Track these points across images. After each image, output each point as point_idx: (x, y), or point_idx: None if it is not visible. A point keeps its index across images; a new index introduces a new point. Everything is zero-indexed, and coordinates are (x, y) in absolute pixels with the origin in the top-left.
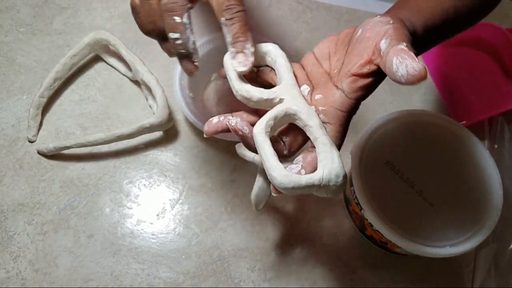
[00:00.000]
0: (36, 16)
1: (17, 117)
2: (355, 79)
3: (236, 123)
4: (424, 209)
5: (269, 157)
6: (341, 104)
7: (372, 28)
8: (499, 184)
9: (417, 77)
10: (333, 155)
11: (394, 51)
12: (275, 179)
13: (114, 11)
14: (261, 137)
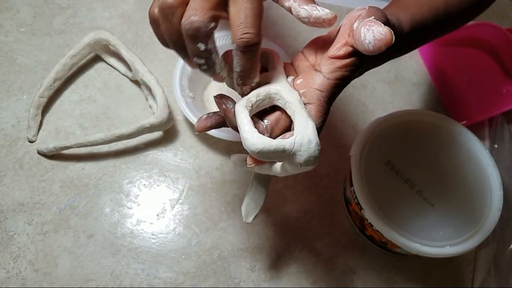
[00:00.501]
0: (36, 16)
1: (17, 117)
2: (333, 61)
3: (221, 97)
4: (424, 209)
5: (245, 124)
6: (320, 84)
7: (349, 16)
8: (499, 184)
9: (384, 40)
10: (308, 125)
11: (363, 23)
12: (247, 140)
13: (114, 11)
14: (239, 108)
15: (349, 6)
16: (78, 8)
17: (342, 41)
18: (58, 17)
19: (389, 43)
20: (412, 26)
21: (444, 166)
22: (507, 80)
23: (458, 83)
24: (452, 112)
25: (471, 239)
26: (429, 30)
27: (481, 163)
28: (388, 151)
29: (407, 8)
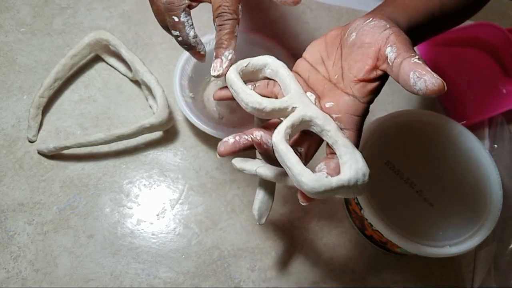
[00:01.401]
0: (36, 16)
1: (17, 117)
2: (364, 84)
3: (261, 136)
4: (424, 209)
5: (295, 163)
6: (355, 109)
7: (370, 34)
8: (498, 184)
9: (436, 91)
10: (357, 155)
11: (409, 65)
12: (306, 185)
13: (114, 11)
14: (283, 145)
15: (349, 6)
16: (78, 8)
17: (370, 63)
18: (58, 17)
19: (441, 93)
20: (409, 28)
21: (444, 166)
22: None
23: (458, 83)
24: (452, 112)
25: (471, 239)
26: (425, 30)
27: (481, 163)
28: (388, 151)
29: (405, 10)
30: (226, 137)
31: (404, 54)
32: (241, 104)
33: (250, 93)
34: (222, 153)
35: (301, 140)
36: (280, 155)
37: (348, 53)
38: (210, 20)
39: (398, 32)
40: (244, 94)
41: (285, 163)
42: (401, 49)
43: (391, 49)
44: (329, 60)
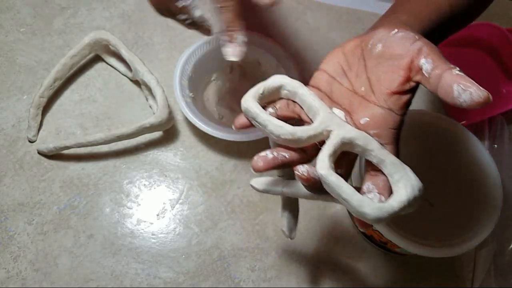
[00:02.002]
0: (36, 16)
1: (18, 117)
2: (399, 96)
3: (307, 171)
4: (423, 209)
5: (352, 195)
6: (393, 123)
7: (400, 45)
8: (498, 184)
9: (482, 103)
10: (407, 171)
11: (452, 77)
12: (369, 215)
13: (114, 11)
14: (333, 177)
15: (349, 6)
16: (78, 8)
17: (403, 74)
18: (58, 17)
19: (488, 103)
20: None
21: (443, 166)
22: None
23: None
24: (451, 112)
25: (471, 239)
26: (436, 35)
27: (481, 163)
28: None
29: (418, 16)
30: (263, 152)
31: (443, 65)
32: (270, 136)
33: (280, 124)
34: (259, 169)
35: (339, 161)
36: (333, 187)
37: (374, 64)
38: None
39: (429, 43)
40: (272, 126)
41: (340, 195)
42: (437, 61)
43: (425, 60)
44: (351, 71)
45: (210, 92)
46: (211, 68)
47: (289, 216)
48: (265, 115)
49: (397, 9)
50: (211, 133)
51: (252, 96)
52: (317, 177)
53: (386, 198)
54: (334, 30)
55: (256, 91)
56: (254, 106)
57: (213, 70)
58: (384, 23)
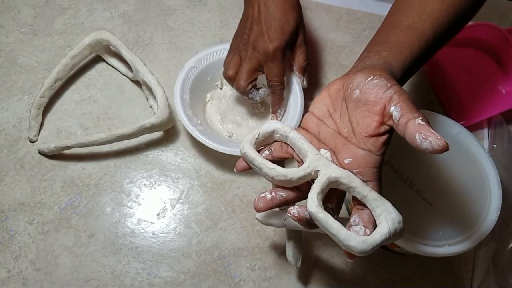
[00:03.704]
0: (37, 17)
1: (18, 117)
2: (376, 138)
3: (298, 212)
4: (423, 209)
5: (339, 230)
6: (373, 162)
7: (374, 93)
8: (497, 184)
9: (441, 150)
10: (388, 206)
11: (414, 127)
12: (355, 248)
13: (115, 12)
14: (321, 215)
15: (349, 7)
16: (79, 8)
17: (377, 119)
18: (59, 17)
19: (445, 151)
20: (404, 69)
21: (443, 166)
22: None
23: (457, 84)
24: (451, 112)
25: (470, 238)
26: (419, 63)
27: (480, 163)
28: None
29: (400, 51)
30: (263, 193)
31: (408, 114)
32: (265, 178)
33: (273, 167)
34: (260, 209)
35: (329, 196)
36: (321, 223)
37: (353, 107)
38: (210, 21)
39: (399, 90)
40: (267, 169)
41: (328, 230)
42: (404, 109)
43: (395, 108)
44: (335, 113)
45: (210, 113)
46: (204, 89)
47: (294, 246)
48: (260, 159)
49: (380, 41)
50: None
51: (249, 142)
52: (307, 216)
53: (371, 230)
54: (334, 30)
55: (253, 137)
56: (250, 151)
57: (206, 91)
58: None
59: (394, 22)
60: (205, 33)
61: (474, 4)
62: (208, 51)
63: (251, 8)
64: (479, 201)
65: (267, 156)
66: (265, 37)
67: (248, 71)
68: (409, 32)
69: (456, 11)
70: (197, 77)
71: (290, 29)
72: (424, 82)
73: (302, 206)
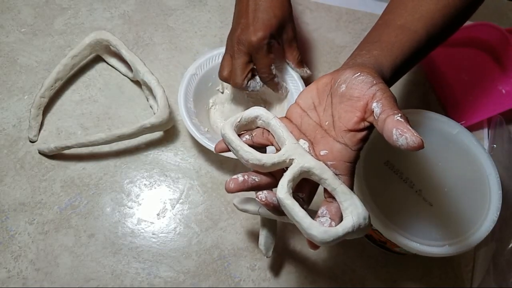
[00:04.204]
0: (37, 17)
1: (18, 117)
2: (354, 133)
3: (265, 197)
4: (423, 209)
5: (303, 217)
6: (348, 157)
7: (359, 88)
8: (497, 184)
9: (416, 148)
10: (355, 201)
11: (392, 122)
12: (316, 237)
13: (115, 12)
14: (289, 201)
15: (349, 7)
16: (79, 8)
17: (358, 115)
18: (59, 17)
19: (420, 149)
20: (393, 70)
21: (443, 166)
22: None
23: (457, 84)
24: (451, 113)
25: (470, 238)
26: (411, 63)
27: (480, 163)
28: (387, 151)
29: (390, 50)
30: (236, 175)
31: (388, 111)
32: (241, 160)
33: (249, 151)
34: (231, 190)
35: (301, 186)
36: (288, 210)
37: (338, 102)
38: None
39: (384, 88)
40: (243, 152)
41: (293, 217)
42: (385, 105)
43: (376, 104)
44: (320, 106)
45: (215, 118)
46: (206, 95)
47: (267, 235)
48: (238, 142)
49: (372, 40)
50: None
51: (230, 124)
52: (275, 202)
53: (336, 223)
54: (334, 30)
55: (235, 120)
56: (230, 133)
57: (208, 97)
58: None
59: (387, 21)
60: (205, 33)
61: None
62: (207, 57)
63: (240, 2)
64: (479, 201)
65: (247, 140)
66: (250, 29)
67: (240, 67)
68: (401, 32)
69: (451, 12)
70: (199, 84)
71: (276, 21)
72: (424, 82)
73: (271, 191)
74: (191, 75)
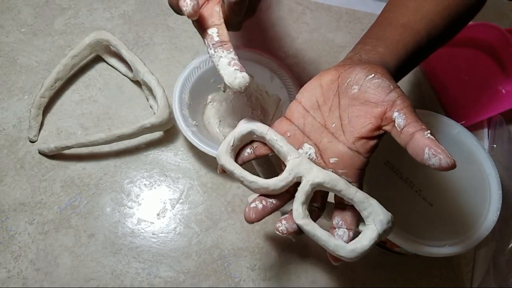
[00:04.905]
0: (37, 17)
1: (18, 117)
2: (366, 141)
3: (286, 229)
4: (423, 209)
5: (327, 239)
6: (360, 164)
7: (376, 94)
8: (497, 184)
9: (448, 168)
10: (375, 207)
11: (423, 140)
12: (345, 258)
13: (114, 12)
14: (309, 227)
15: (349, 7)
16: (79, 8)
17: (374, 122)
18: (59, 17)
19: (452, 169)
20: (397, 70)
21: None
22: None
23: (457, 84)
24: (451, 113)
25: (470, 238)
26: (412, 64)
27: (480, 163)
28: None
29: (395, 48)
30: (253, 203)
31: (415, 124)
32: (249, 189)
33: (253, 180)
34: (253, 220)
35: (315, 196)
36: (310, 234)
37: (348, 104)
38: None
39: (403, 96)
40: (247, 182)
41: (318, 240)
42: (410, 118)
43: (398, 114)
44: (325, 105)
45: (209, 115)
46: (205, 91)
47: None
48: (239, 171)
49: (376, 37)
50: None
51: (225, 151)
52: (296, 229)
53: (354, 232)
54: (334, 30)
55: (228, 144)
56: (227, 164)
57: (208, 92)
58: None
59: (389, 19)
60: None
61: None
62: None
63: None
64: (479, 201)
65: (250, 155)
66: None
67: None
68: (405, 31)
69: (451, 14)
70: (200, 78)
71: None
72: (424, 82)
73: (289, 219)
74: (194, 67)
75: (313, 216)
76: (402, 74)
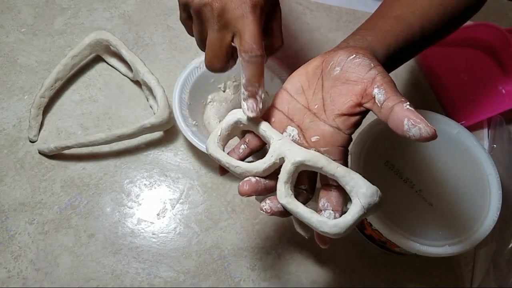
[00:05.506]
0: (37, 17)
1: (18, 117)
2: (347, 117)
3: (270, 207)
4: (423, 209)
5: (309, 216)
6: (341, 141)
7: (356, 72)
8: (497, 184)
9: (429, 138)
10: (358, 180)
11: (402, 111)
12: (328, 233)
13: (115, 12)
14: (292, 205)
15: (349, 7)
16: (79, 8)
17: (355, 99)
18: (59, 17)
19: (433, 139)
20: (386, 57)
21: (443, 166)
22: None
23: (457, 83)
24: (451, 113)
25: (470, 238)
26: (403, 56)
27: (480, 163)
28: (387, 151)
29: (384, 38)
30: (248, 177)
31: (394, 98)
32: (236, 175)
33: (237, 165)
34: (245, 192)
35: (300, 177)
36: (294, 213)
37: (330, 85)
38: None
39: (383, 72)
40: (232, 168)
41: (302, 218)
42: (389, 92)
43: (378, 90)
44: (309, 89)
45: (209, 115)
46: (206, 91)
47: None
48: (225, 159)
49: (367, 27)
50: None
51: (213, 142)
52: (280, 208)
53: (340, 213)
54: (334, 30)
55: (215, 135)
56: (214, 152)
57: (208, 92)
58: (349, 42)
59: (382, 13)
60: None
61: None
62: None
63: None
64: (479, 201)
65: (244, 150)
66: None
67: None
68: (396, 22)
69: (447, 10)
70: (200, 78)
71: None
72: (424, 82)
73: (274, 199)
74: (194, 67)
75: (301, 198)
76: (394, 65)
